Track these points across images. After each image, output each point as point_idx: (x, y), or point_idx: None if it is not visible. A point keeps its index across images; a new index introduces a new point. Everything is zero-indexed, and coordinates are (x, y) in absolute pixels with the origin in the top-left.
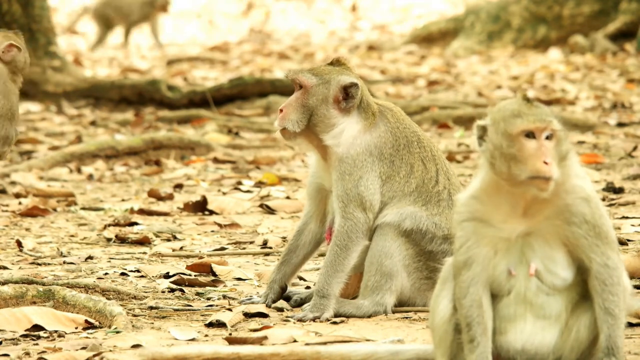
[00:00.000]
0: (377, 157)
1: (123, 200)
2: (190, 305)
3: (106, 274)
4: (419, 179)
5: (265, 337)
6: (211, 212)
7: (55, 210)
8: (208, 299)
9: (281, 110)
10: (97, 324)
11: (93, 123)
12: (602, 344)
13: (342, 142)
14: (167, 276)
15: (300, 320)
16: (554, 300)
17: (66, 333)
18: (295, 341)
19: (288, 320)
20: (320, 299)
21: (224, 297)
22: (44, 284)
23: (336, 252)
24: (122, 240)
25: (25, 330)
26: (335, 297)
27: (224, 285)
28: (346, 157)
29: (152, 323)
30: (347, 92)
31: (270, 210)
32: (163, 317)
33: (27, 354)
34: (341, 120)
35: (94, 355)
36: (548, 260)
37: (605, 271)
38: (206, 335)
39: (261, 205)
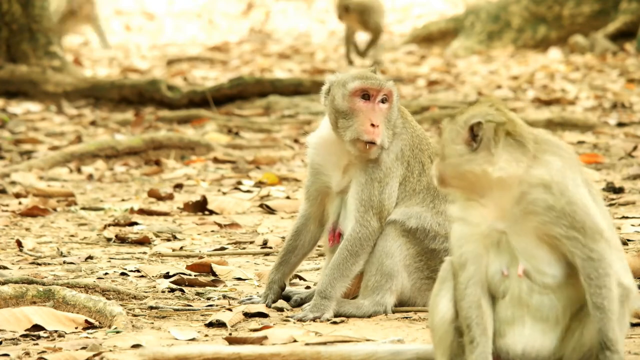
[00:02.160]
0: (400, 162)
1: (123, 200)
2: (190, 305)
3: (106, 274)
4: (429, 176)
5: (265, 337)
6: (211, 212)
7: (55, 210)
8: (208, 299)
9: (377, 126)
10: (97, 324)
11: (93, 123)
12: (596, 339)
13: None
14: (167, 276)
15: (301, 320)
16: (549, 300)
17: (66, 333)
18: (295, 341)
19: (288, 320)
20: (322, 299)
21: (224, 297)
22: (44, 284)
23: (345, 257)
24: (122, 240)
25: (25, 330)
26: (337, 299)
27: (224, 285)
28: (382, 162)
29: (152, 323)
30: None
31: (270, 210)
32: (163, 317)
33: (27, 354)
34: None
35: (94, 355)
36: (531, 258)
37: (589, 265)
38: (206, 335)
39: (261, 205)
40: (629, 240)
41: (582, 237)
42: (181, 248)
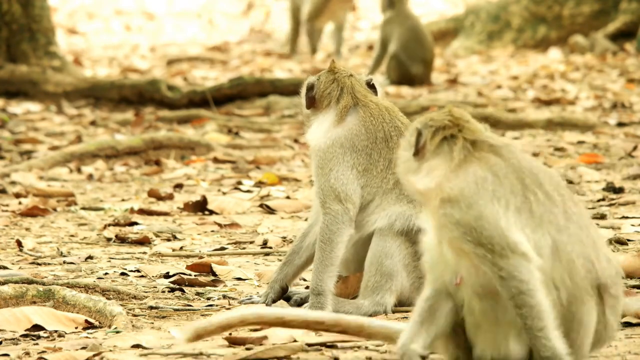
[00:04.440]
0: (348, 149)
1: (123, 200)
2: (190, 305)
3: (106, 274)
4: (397, 175)
5: (265, 337)
6: (211, 212)
7: (55, 210)
8: (208, 298)
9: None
10: (97, 324)
11: (93, 123)
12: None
13: (315, 137)
14: (167, 276)
15: None
16: (491, 305)
17: (66, 333)
18: (295, 341)
19: None
20: (316, 297)
21: (224, 297)
22: (44, 284)
23: (322, 248)
24: (122, 240)
25: (25, 330)
26: (331, 292)
27: (224, 285)
28: (318, 150)
29: (152, 323)
30: (311, 90)
31: (270, 210)
32: (163, 317)
33: (27, 354)
34: (316, 117)
35: (94, 355)
36: (461, 268)
37: (501, 283)
38: None
39: (261, 205)
40: (629, 240)
41: (490, 255)
42: (181, 248)
